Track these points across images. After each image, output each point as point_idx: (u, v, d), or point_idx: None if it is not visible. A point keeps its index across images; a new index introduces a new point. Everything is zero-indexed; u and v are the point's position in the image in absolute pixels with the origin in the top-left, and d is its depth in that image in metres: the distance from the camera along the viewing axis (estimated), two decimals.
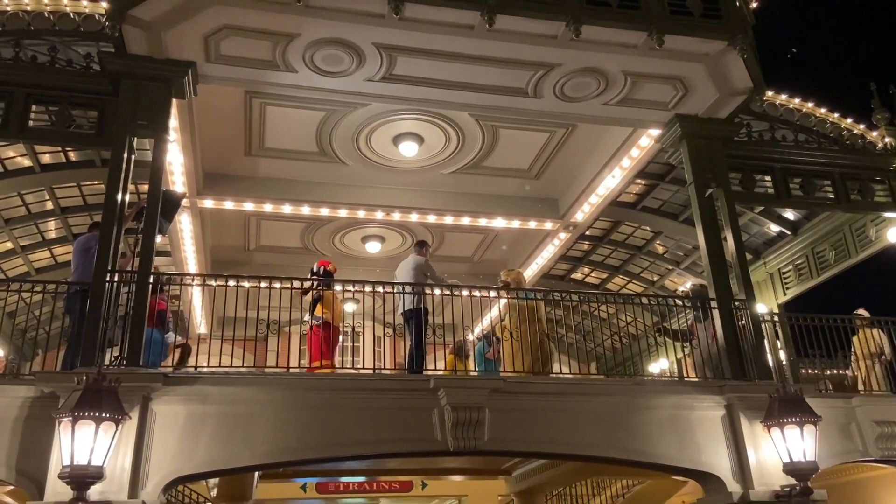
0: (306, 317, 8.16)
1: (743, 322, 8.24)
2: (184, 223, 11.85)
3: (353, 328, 8.23)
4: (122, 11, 7.06)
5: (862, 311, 9.65)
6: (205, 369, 7.14)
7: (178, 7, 7.19)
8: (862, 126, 10.34)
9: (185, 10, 7.22)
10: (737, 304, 8.31)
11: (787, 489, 7.20)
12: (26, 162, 10.21)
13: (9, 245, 11.90)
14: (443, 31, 7.66)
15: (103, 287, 6.85)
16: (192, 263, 12.94)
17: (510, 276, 9.21)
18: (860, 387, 9.29)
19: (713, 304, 8.32)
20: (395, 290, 8.15)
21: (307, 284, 8.25)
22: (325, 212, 12.23)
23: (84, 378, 6.02)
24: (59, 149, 9.99)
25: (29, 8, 7.96)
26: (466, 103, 8.92)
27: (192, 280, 8.70)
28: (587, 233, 13.56)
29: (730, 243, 8.73)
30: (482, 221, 12.77)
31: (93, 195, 11.20)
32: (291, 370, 8.16)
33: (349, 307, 11.46)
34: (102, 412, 5.85)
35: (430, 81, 8.40)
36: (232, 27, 7.50)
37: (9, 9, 7.94)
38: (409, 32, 7.64)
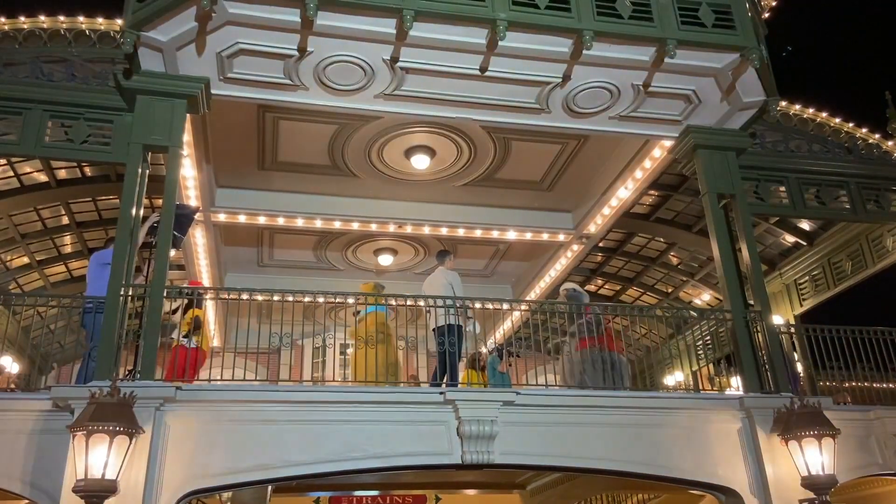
0: (176, 335, 7.94)
1: (759, 334, 8.17)
2: (197, 237, 11.93)
3: (367, 341, 8.24)
4: (137, 29, 7.16)
5: None
6: (218, 382, 7.16)
7: (191, 27, 7.28)
8: (877, 135, 10.28)
9: (199, 29, 7.31)
10: (752, 315, 8.25)
11: (806, 503, 7.10)
12: (42, 177, 10.35)
13: (25, 259, 12.03)
14: (452, 49, 7.70)
15: (118, 301, 6.90)
16: (205, 277, 13.01)
17: (366, 287, 9.26)
18: None
19: (728, 315, 8.27)
20: (426, 305, 8.10)
21: (176, 304, 8.22)
22: (337, 225, 12.29)
23: (98, 391, 6.06)
24: (75, 164, 10.11)
25: (45, 26, 8.11)
26: (475, 118, 8.95)
27: (206, 293, 8.73)
28: (600, 244, 13.52)
29: (745, 254, 8.67)
30: (494, 233, 12.77)
31: (108, 210, 11.32)
32: (304, 382, 8.18)
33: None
34: (116, 426, 5.88)
35: (439, 98, 8.45)
36: (245, 45, 7.58)
37: (25, 27, 8.09)
38: (418, 50, 7.70)
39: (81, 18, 8.22)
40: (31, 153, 7.94)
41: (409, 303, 8.07)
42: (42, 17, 8.16)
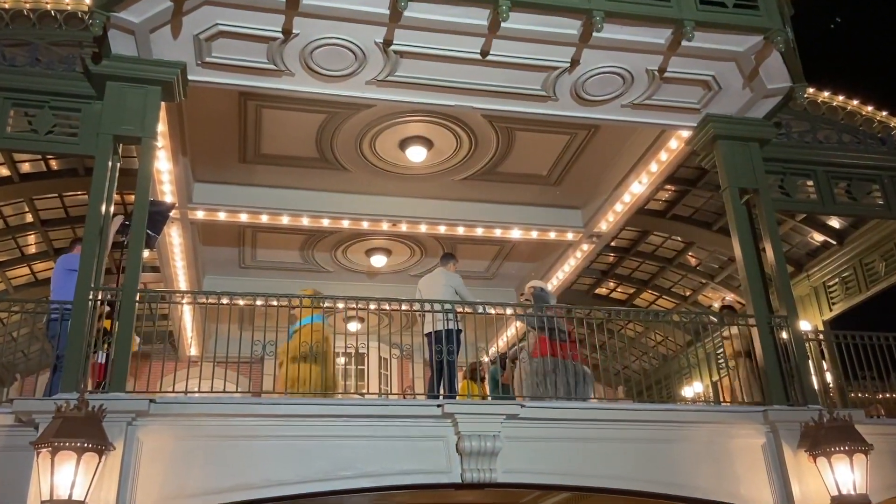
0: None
1: (785, 341, 8.17)
2: (173, 236, 11.91)
3: (357, 349, 8.20)
4: (107, 10, 7.15)
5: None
6: (195, 394, 7.15)
7: (166, 7, 7.26)
8: None
9: (175, 9, 7.30)
10: (777, 321, 8.24)
11: None
12: (4, 171, 10.32)
13: None
14: (450, 31, 7.69)
15: (86, 306, 6.88)
16: (182, 279, 13.00)
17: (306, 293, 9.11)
18: None
19: (751, 321, 8.26)
20: (424, 309, 8.07)
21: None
22: (326, 223, 12.28)
23: (65, 405, 6.04)
24: (40, 157, 10.09)
25: (6, 5, 8.08)
26: (475, 106, 8.94)
27: (182, 298, 8.72)
28: (612, 244, 13.51)
29: (769, 254, 8.67)
30: (497, 232, 12.77)
31: (75, 206, 11.30)
32: (290, 395, 8.17)
33: (352, 326, 11.46)
34: (84, 442, 5.85)
35: (436, 84, 8.44)
36: (224, 26, 7.57)
37: None
38: (413, 32, 7.68)
39: None
40: None
41: (404, 307, 8.04)
42: None
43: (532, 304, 8.77)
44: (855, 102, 10.13)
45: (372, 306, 7.88)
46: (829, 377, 9.99)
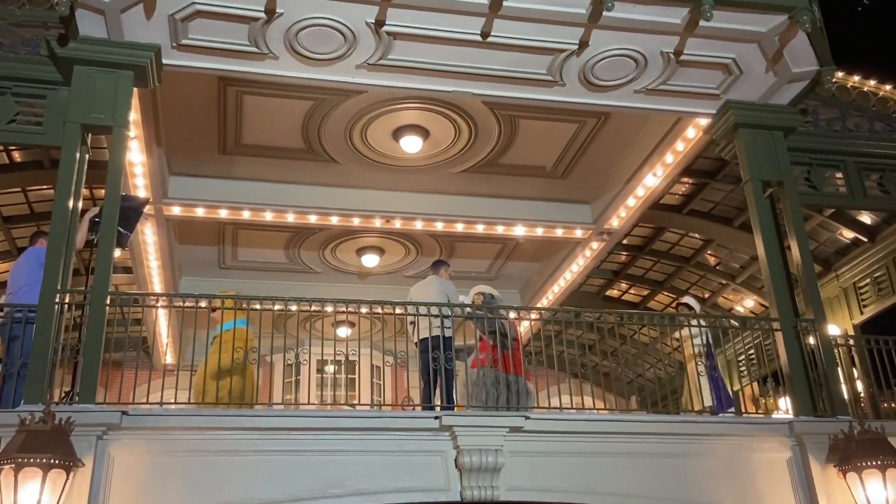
0: None
1: (812, 347, 8.19)
2: (147, 234, 11.90)
3: (347, 357, 8.20)
4: None
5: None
6: (171, 406, 7.15)
7: None
8: None
9: None
10: (804, 325, 8.26)
11: None
12: None
13: None
14: (448, 10, 7.69)
15: (52, 310, 6.88)
16: (156, 281, 12.99)
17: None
18: None
19: (776, 325, 8.28)
20: (419, 313, 8.05)
21: None
22: (313, 219, 12.28)
23: (29, 417, 6.03)
24: (1, 148, 10.08)
25: None
26: (475, 92, 8.95)
27: (157, 301, 8.71)
28: (624, 242, 13.53)
29: (795, 253, 8.68)
30: (499, 229, 12.79)
31: (40, 202, 11.29)
32: (275, 406, 8.19)
33: (342, 331, 11.45)
34: (51, 458, 5.85)
35: (432, 69, 8.44)
36: (202, 5, 7.56)
37: None
38: (408, 11, 7.68)
39: None
40: None
41: (398, 311, 8.05)
42: None
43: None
44: (888, 87, 10.14)
45: (363, 310, 7.89)
46: (859, 385, 9.99)
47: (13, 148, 10.14)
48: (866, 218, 11.77)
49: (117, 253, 7.66)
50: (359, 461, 6.91)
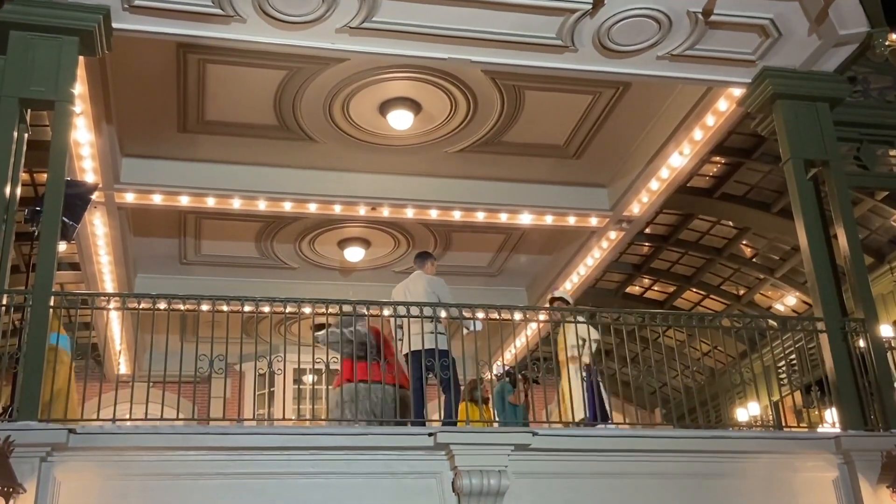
0: None
1: (862, 350, 8.21)
2: (96, 225, 11.90)
3: (328, 365, 8.20)
4: None
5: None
6: (126, 423, 7.15)
7: None
8: None
9: None
10: (853, 325, 8.28)
11: None
12: None
13: None
14: None
15: None
16: (108, 280, 12.98)
17: None
18: None
19: (820, 326, 8.30)
20: (410, 314, 8.03)
21: None
22: (288, 207, 12.28)
23: None
24: None
25: None
26: (475, 60, 8.94)
27: (109, 301, 8.72)
28: (646, 231, 13.56)
29: (842, 242, 8.70)
30: (503, 217, 12.80)
31: None
32: (245, 422, 8.21)
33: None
34: None
35: (424, 33, 8.43)
36: None
37: None
38: None
39: None
40: None
41: (386, 312, 8.06)
42: None
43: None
44: None
45: (346, 310, 7.89)
46: None
47: None
48: None
49: (62, 247, 7.65)
50: (342, 484, 6.91)
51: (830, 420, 9.61)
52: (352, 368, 8.07)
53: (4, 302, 7.07)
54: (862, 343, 8.27)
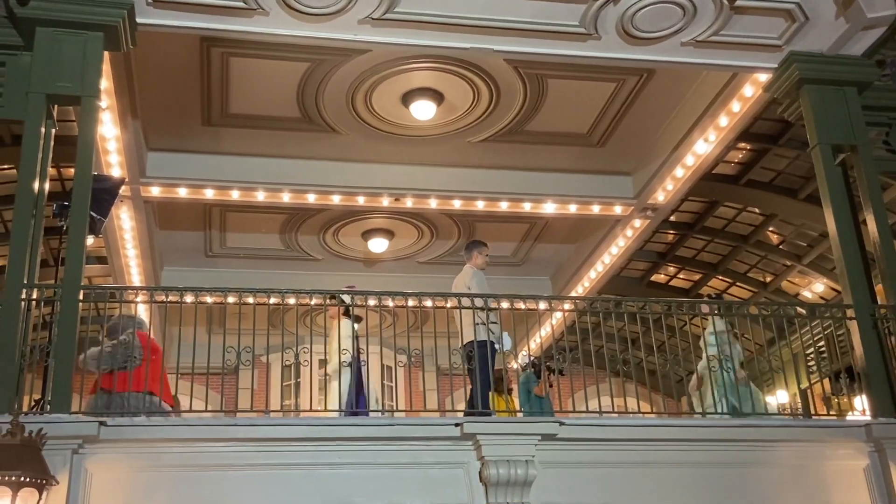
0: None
1: (893, 337, 8.14)
2: (123, 219, 11.99)
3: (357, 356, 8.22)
4: None
5: None
6: (155, 415, 7.21)
7: None
8: None
9: None
10: (883, 312, 8.21)
11: None
12: None
13: None
14: None
15: (18, 306, 6.95)
16: (135, 273, 13.08)
17: None
18: None
19: (849, 313, 8.23)
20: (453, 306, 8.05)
21: None
22: (312, 198, 12.32)
23: None
24: None
25: None
26: (497, 49, 8.92)
27: (136, 295, 8.79)
28: (672, 219, 13.49)
29: (871, 228, 8.62)
30: (526, 206, 12.79)
31: (2, 184, 11.40)
32: (272, 413, 8.26)
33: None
34: (21, 475, 5.91)
35: (447, 23, 8.42)
36: None
37: None
38: None
39: None
40: None
41: (411, 303, 8.06)
42: None
43: None
44: None
45: (371, 302, 7.90)
46: None
47: None
48: None
49: (90, 241, 7.71)
50: (368, 475, 6.94)
51: (861, 408, 9.56)
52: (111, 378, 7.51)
53: (35, 296, 7.14)
54: (893, 330, 8.20)
